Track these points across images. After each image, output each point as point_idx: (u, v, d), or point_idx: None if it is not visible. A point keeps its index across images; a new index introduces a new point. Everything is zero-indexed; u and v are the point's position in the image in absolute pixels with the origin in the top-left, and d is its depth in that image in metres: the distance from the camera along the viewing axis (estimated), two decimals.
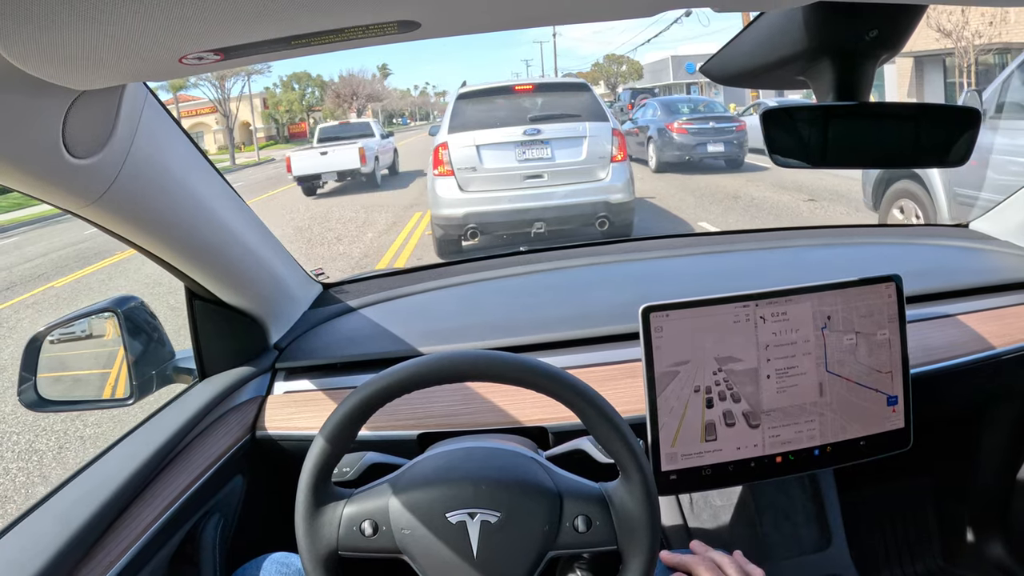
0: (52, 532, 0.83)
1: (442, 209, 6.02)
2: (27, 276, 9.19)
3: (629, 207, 6.10)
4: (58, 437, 3.99)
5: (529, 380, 0.79)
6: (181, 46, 0.50)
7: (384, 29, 0.51)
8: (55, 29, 0.45)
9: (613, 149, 6.00)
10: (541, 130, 5.97)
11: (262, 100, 49.59)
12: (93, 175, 0.75)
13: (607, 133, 6.02)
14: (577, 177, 5.97)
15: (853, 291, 1.08)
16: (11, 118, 0.60)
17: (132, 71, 0.56)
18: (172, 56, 0.51)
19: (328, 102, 54.86)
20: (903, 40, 0.81)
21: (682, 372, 1.03)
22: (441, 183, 5.98)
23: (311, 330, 1.34)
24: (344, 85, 53.63)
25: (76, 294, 7.66)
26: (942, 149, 0.83)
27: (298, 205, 12.72)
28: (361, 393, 0.80)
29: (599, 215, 5.98)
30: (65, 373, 1.28)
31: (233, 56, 0.53)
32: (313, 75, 53.79)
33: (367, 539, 0.80)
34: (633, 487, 0.79)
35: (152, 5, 0.43)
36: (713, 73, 0.94)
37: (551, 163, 5.97)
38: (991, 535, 1.55)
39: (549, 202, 5.93)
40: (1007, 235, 1.57)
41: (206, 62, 0.53)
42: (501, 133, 5.96)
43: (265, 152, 37.31)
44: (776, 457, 1.07)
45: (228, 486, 1.10)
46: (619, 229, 6.08)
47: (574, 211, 5.98)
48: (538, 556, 0.79)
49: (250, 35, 0.49)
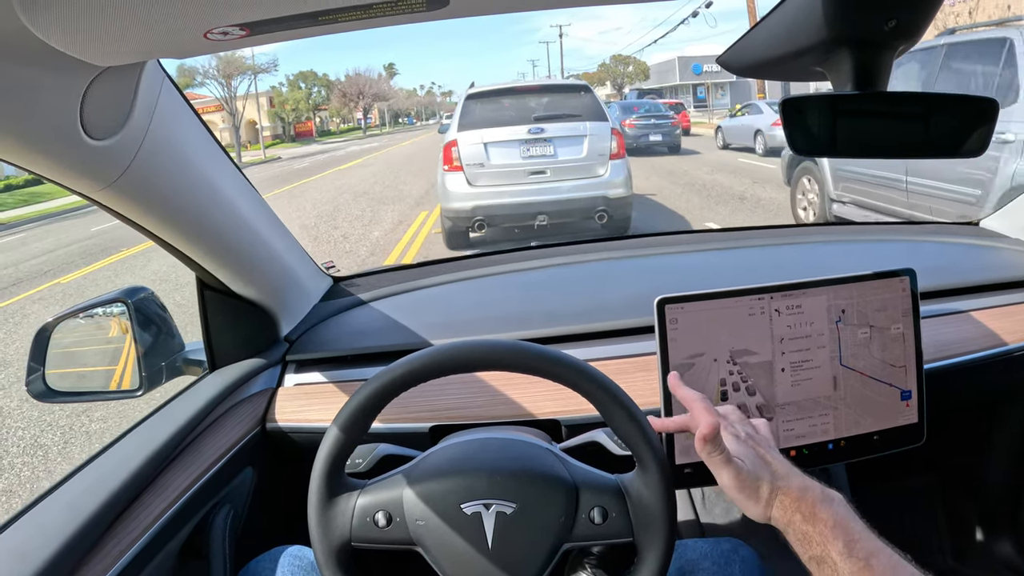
0: (61, 521, 0.83)
1: (452, 202, 6.34)
2: (34, 272, 9.24)
3: (627, 202, 6.43)
4: (63, 432, 4.00)
5: (547, 369, 0.78)
6: (207, 20, 0.49)
7: (413, 6, 0.51)
8: (81, 1, 0.44)
9: (612, 147, 6.32)
10: (544, 129, 6.31)
11: (268, 99, 49.54)
12: (109, 157, 0.74)
13: (607, 132, 6.36)
14: (578, 173, 6.32)
15: (867, 285, 1.08)
16: (30, 95, 0.59)
17: (157, 46, 0.56)
18: (197, 31, 0.51)
19: (335, 101, 54.83)
20: (922, 30, 0.80)
21: (697, 364, 1.03)
22: (451, 178, 6.30)
23: (321, 323, 1.34)
24: (350, 84, 53.61)
25: (82, 290, 7.71)
26: (957, 139, 0.82)
27: (303, 203, 12.77)
28: (377, 382, 0.79)
29: (598, 209, 6.32)
30: (74, 365, 1.28)
31: (259, 31, 0.52)
32: (319, 74, 53.74)
33: (381, 530, 0.80)
34: (650, 479, 0.78)
35: None
36: (730, 64, 0.94)
37: (554, 160, 6.32)
38: (1001, 534, 1.54)
39: (551, 196, 6.26)
40: (1017, 232, 1.57)
41: (231, 37, 0.53)
42: (507, 131, 6.30)
43: (271, 151, 37.46)
44: (790, 451, 1.06)
45: (238, 478, 1.10)
46: (617, 223, 6.42)
47: (575, 205, 6.32)
48: (553, 548, 0.79)
49: (277, 9, 0.49)
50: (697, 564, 0.96)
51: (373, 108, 59.42)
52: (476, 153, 6.28)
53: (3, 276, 9.14)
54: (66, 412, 4.16)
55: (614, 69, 55.97)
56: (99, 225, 12.97)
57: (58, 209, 17.80)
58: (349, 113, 58.08)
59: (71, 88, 0.63)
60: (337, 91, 54.17)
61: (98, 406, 4.12)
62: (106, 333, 1.27)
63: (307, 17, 0.52)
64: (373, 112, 61.39)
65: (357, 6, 0.50)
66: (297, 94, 50.95)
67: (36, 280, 8.64)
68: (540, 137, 6.31)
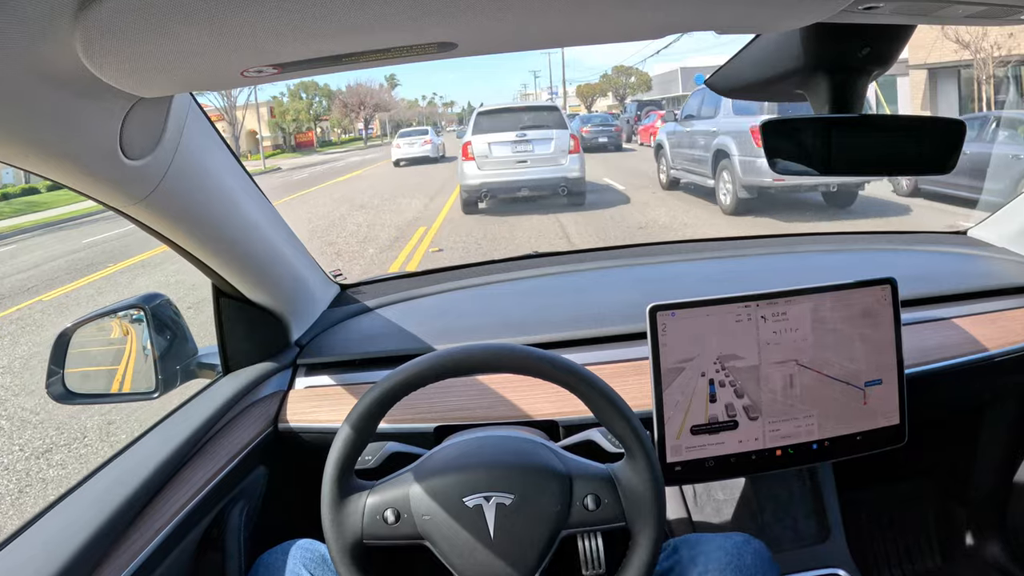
0: (90, 514, 0.88)
1: (467, 181, 10.35)
2: (16, 288, 8.85)
3: (582, 181, 10.42)
4: (19, 479, 3.62)
5: (543, 371, 0.84)
6: (245, 60, 0.56)
7: (425, 49, 0.57)
8: (136, 43, 0.50)
9: (571, 145, 10.18)
10: (527, 134, 10.12)
11: (269, 109, 49.29)
12: (143, 175, 0.81)
13: (567, 136, 10.22)
14: (548, 163, 10.14)
15: (850, 293, 1.13)
16: (78, 120, 0.66)
17: (197, 81, 0.62)
18: (235, 69, 0.57)
19: (335, 111, 54.68)
20: (894, 56, 0.86)
21: (687, 368, 1.08)
22: (467, 165, 10.25)
23: (330, 328, 1.39)
24: (351, 95, 53.57)
25: (63, 309, 7.37)
26: (927, 158, 0.87)
27: (300, 215, 12.65)
28: (386, 383, 0.85)
29: (561, 185, 10.32)
30: (92, 368, 1.33)
31: (289, 70, 0.59)
32: (320, 84, 53.64)
33: (390, 527, 0.85)
34: (638, 465, 0.84)
35: (225, 24, 0.49)
36: (718, 86, 1.00)
37: (532, 153, 10.14)
38: (989, 535, 1.58)
39: (530, 177, 10.17)
40: (1004, 242, 1.61)
41: (264, 75, 0.59)
42: (503, 135, 10.10)
43: (271, 161, 37.30)
44: (776, 450, 1.12)
45: (252, 475, 1.15)
46: (575, 196, 10.54)
47: (546, 183, 10.27)
48: (552, 535, 0.84)
49: (307, 52, 0.55)
50: (710, 554, 1.00)
51: (374, 119, 59.35)
52: (483, 149, 10.12)
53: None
54: (25, 454, 3.85)
55: (616, 80, 55.56)
56: (91, 237, 12.74)
57: (56, 219, 17.69)
58: (350, 123, 58.02)
59: (113, 114, 0.69)
60: (338, 101, 54.20)
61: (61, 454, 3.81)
62: (124, 338, 1.32)
63: (332, 59, 0.58)
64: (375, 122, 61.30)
65: (377, 50, 0.57)
66: (298, 104, 50.66)
67: (17, 297, 8.25)
68: (524, 139, 10.10)
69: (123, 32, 0.49)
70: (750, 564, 0.99)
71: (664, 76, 46.95)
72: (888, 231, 1.77)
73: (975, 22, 0.73)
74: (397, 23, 0.52)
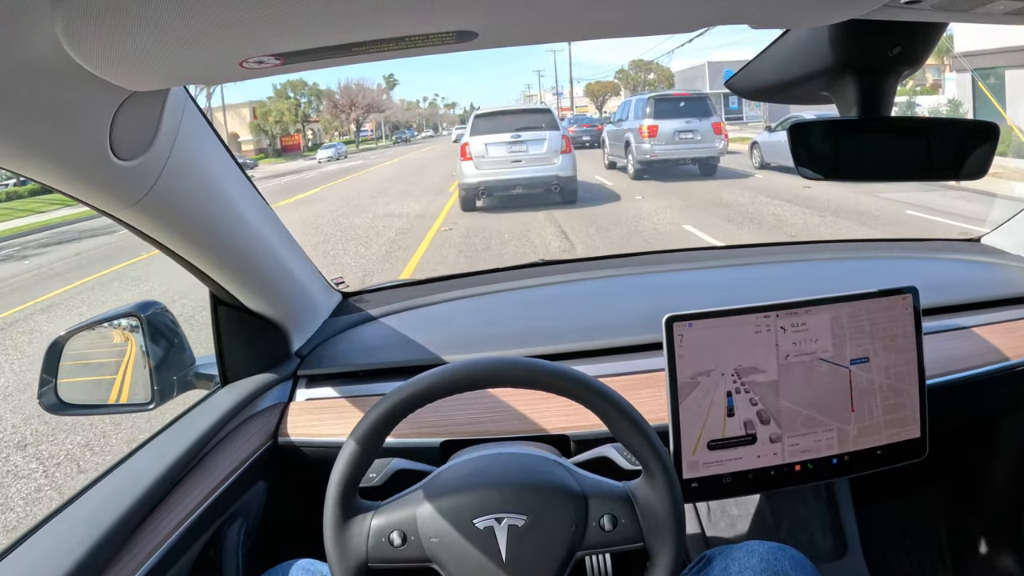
0: (81, 533, 0.84)
1: (466, 179, 10.87)
2: None
3: (573, 179, 10.99)
4: None
5: (556, 384, 0.81)
6: (243, 50, 0.51)
7: (443, 38, 0.53)
8: (122, 29, 0.46)
9: (563, 145, 10.76)
10: (521, 135, 10.68)
11: (251, 110, 46.98)
12: (135, 177, 0.76)
13: (559, 137, 10.84)
14: (541, 162, 10.70)
15: (871, 303, 1.10)
16: (63, 116, 0.61)
17: (192, 74, 0.57)
18: (234, 60, 0.53)
19: (326, 112, 53.56)
20: (925, 56, 0.83)
21: (704, 381, 1.05)
22: (466, 164, 10.75)
23: (332, 338, 1.35)
24: (343, 94, 52.83)
25: None
26: (959, 163, 0.84)
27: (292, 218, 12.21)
28: (394, 398, 0.81)
29: (553, 184, 10.86)
30: (86, 378, 1.28)
31: (293, 61, 0.54)
32: (309, 83, 51.87)
33: (396, 549, 0.81)
34: (657, 483, 0.80)
35: (219, 9, 0.44)
36: (739, 88, 0.96)
37: (526, 153, 10.69)
38: (1004, 548, 1.56)
39: (525, 175, 10.72)
40: (1020, 249, 1.59)
41: (266, 66, 0.55)
42: (499, 136, 10.66)
43: None
44: (795, 466, 1.08)
45: (251, 491, 1.11)
46: (567, 193, 10.98)
47: (539, 181, 10.83)
48: (566, 557, 0.80)
49: (313, 41, 0.50)
50: (744, 562, 0.97)
51: (368, 120, 58.65)
52: (481, 149, 10.65)
53: None
54: None
55: (634, 76, 50.60)
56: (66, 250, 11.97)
57: (26, 228, 16.83)
58: (342, 125, 57.05)
59: (102, 109, 0.65)
60: (328, 101, 53.05)
61: None
62: (118, 347, 1.28)
63: (341, 48, 0.53)
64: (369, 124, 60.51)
65: (390, 39, 0.52)
66: (282, 104, 47.63)
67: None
68: (519, 140, 10.66)
69: (106, 15, 0.44)
70: (788, 568, 0.95)
71: (689, 72, 42.71)
72: (901, 239, 1.75)
73: (1016, 20, 0.70)
74: (414, 8, 0.48)
